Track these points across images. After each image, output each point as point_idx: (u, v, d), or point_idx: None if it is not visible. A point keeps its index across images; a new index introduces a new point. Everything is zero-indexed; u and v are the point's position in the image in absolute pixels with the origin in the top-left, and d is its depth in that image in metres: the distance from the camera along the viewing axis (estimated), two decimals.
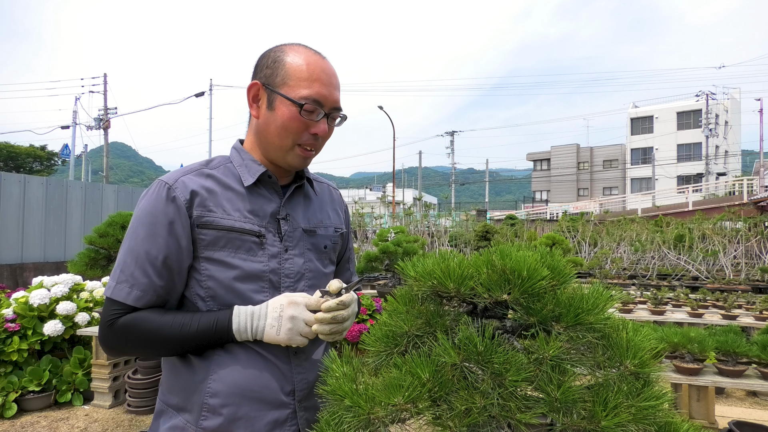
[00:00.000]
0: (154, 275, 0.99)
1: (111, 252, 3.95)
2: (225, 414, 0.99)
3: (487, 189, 51.93)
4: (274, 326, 0.97)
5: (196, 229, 1.01)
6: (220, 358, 1.01)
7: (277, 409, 1.02)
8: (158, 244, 0.99)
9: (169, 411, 1.05)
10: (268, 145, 1.08)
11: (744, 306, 5.11)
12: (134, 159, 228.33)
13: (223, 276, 1.01)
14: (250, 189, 1.08)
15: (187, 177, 1.05)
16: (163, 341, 0.97)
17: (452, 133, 43.93)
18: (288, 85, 1.03)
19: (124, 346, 1.00)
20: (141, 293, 0.98)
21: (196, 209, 1.02)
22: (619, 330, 0.81)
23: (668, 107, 41.82)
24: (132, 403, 3.76)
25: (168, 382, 1.07)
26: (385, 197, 25.56)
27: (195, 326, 0.97)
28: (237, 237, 1.03)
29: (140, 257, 0.99)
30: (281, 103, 1.03)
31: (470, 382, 0.72)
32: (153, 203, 1.01)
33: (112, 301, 0.99)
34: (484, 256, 0.86)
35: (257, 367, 1.01)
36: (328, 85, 1.04)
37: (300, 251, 1.10)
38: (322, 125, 1.05)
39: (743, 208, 15.13)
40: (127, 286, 0.98)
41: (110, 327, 0.98)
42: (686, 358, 2.94)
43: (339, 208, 1.28)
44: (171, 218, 1.00)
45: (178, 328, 0.97)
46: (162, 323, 0.97)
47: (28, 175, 8.36)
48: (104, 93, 27.87)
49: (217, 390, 0.99)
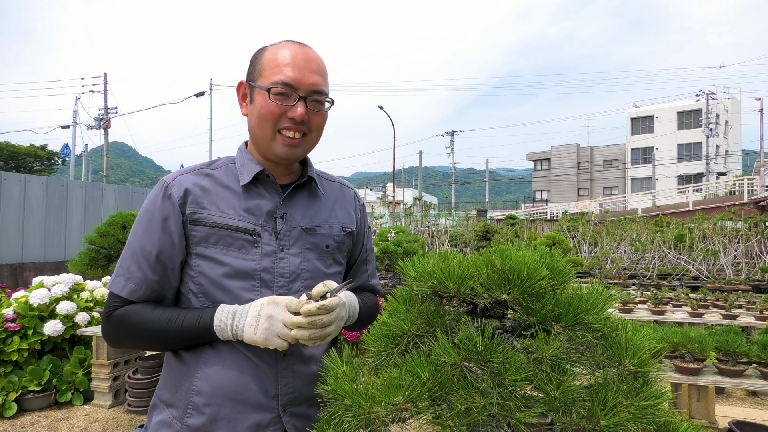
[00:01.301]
0: (148, 270, 1.02)
1: (111, 252, 3.95)
2: (207, 413, 0.99)
3: (487, 189, 51.94)
4: (252, 325, 0.95)
5: (189, 225, 1.04)
6: (208, 357, 1.01)
7: (259, 412, 1.01)
8: (152, 239, 1.02)
9: (161, 405, 1.07)
10: (255, 139, 1.10)
11: (744, 306, 5.12)
12: (134, 159, 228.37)
13: (213, 273, 1.03)
14: (248, 188, 1.09)
15: (184, 176, 1.08)
16: (152, 335, 1.00)
17: (452, 132, 43.93)
18: (262, 75, 1.05)
19: (120, 337, 1.03)
20: (135, 287, 1.02)
21: (189, 206, 1.04)
22: (618, 330, 0.81)
23: (668, 107, 41.80)
24: (132, 403, 3.76)
25: (163, 376, 1.10)
26: (386, 197, 25.56)
27: (180, 322, 0.99)
28: (228, 234, 1.04)
29: (136, 252, 1.03)
30: (258, 94, 1.05)
31: (470, 381, 0.73)
32: (152, 201, 1.06)
33: (111, 293, 1.03)
34: (484, 256, 0.86)
35: (241, 368, 1.01)
36: (302, 69, 1.04)
37: (297, 250, 1.09)
38: (298, 109, 1.04)
39: (744, 208, 15.12)
40: (123, 279, 1.02)
41: (108, 318, 1.02)
42: (686, 357, 2.94)
43: (351, 207, 1.25)
44: (165, 215, 1.03)
45: (164, 322, 0.99)
46: (151, 317, 1.00)
47: (28, 175, 8.36)
48: (104, 92, 27.88)
49: (201, 389, 1.00)
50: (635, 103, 44.41)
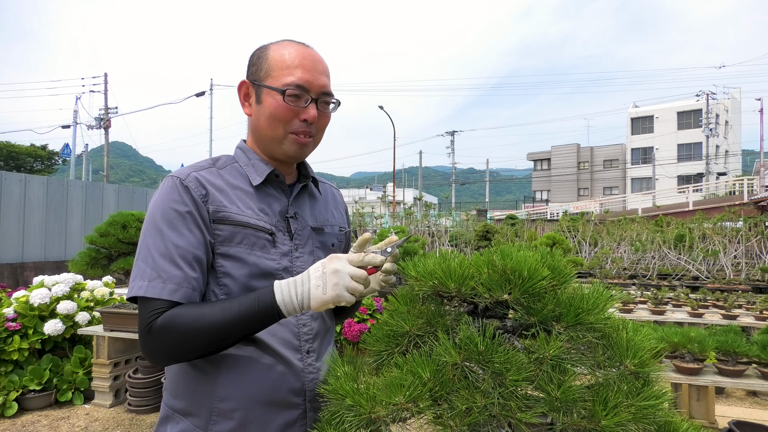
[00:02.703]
0: (187, 267, 0.95)
1: (112, 251, 3.95)
2: (236, 418, 0.97)
3: (487, 189, 51.95)
4: (319, 285, 0.90)
5: (212, 224, 1.00)
6: (230, 361, 0.99)
7: (288, 410, 1.01)
8: (184, 235, 0.96)
9: (176, 416, 1.03)
10: (263, 139, 1.08)
11: (744, 306, 5.11)
12: (135, 158, 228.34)
13: (239, 273, 1.00)
14: (258, 188, 1.08)
15: (197, 173, 1.03)
16: (207, 330, 0.90)
17: (452, 132, 43.92)
18: (272, 76, 1.04)
19: (169, 348, 0.91)
20: (175, 286, 0.93)
21: (211, 204, 1.00)
22: (619, 330, 0.81)
23: (668, 107, 41.79)
24: (133, 402, 3.77)
25: (174, 386, 1.05)
26: (386, 197, 25.55)
27: (237, 308, 0.91)
28: (252, 233, 1.02)
29: (169, 250, 0.95)
30: (267, 95, 1.04)
31: (471, 381, 0.73)
32: (168, 197, 0.99)
33: (146, 301, 0.93)
34: (485, 256, 0.86)
35: (268, 368, 1.00)
36: (312, 71, 1.04)
37: (309, 249, 1.11)
38: (311, 111, 1.04)
39: (743, 208, 15.11)
40: (159, 281, 0.93)
41: (149, 332, 0.91)
42: (686, 357, 2.94)
43: (342, 208, 1.30)
44: (189, 210, 0.98)
45: (219, 312, 0.91)
46: (203, 312, 0.91)
47: (28, 175, 8.36)
48: (105, 92, 27.86)
49: (227, 394, 0.98)
50: (635, 103, 44.41)
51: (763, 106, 35.20)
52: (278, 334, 1.02)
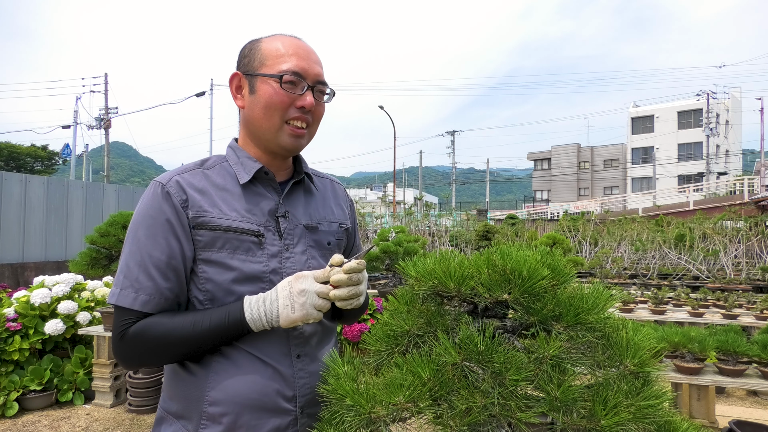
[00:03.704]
0: (159, 277, 0.96)
1: (112, 251, 3.95)
2: (225, 423, 0.96)
3: (487, 188, 51.94)
4: (287, 305, 0.92)
5: (192, 230, 0.98)
6: (219, 364, 0.98)
7: (278, 416, 0.99)
8: (160, 244, 0.96)
9: (169, 418, 1.03)
10: (258, 130, 1.05)
11: (745, 305, 5.11)
12: (135, 158, 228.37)
13: (222, 278, 0.98)
14: (247, 187, 1.05)
15: (180, 177, 1.02)
16: (177, 342, 0.93)
17: (453, 132, 43.91)
18: (266, 65, 1.02)
19: (139, 356, 0.95)
20: (147, 297, 0.95)
21: (191, 209, 0.99)
22: (619, 329, 0.81)
23: (669, 106, 41.76)
24: (133, 402, 3.77)
25: (168, 388, 1.04)
26: (386, 197, 25.55)
27: (207, 322, 0.94)
28: (235, 237, 0.99)
29: (144, 260, 0.96)
30: (262, 83, 1.02)
31: (471, 381, 0.73)
32: (149, 204, 0.99)
33: (120, 309, 0.95)
34: (485, 255, 0.86)
35: (257, 373, 0.98)
36: (307, 59, 1.04)
37: (302, 249, 1.07)
38: (307, 97, 1.03)
39: (744, 208, 15.11)
40: (132, 291, 0.94)
41: (122, 339, 0.94)
42: (687, 357, 2.94)
43: (344, 203, 1.25)
44: (168, 217, 0.97)
45: (190, 326, 0.93)
46: (174, 324, 0.94)
47: (29, 175, 8.37)
48: (105, 92, 27.86)
49: (216, 398, 0.97)
50: (635, 103, 44.37)
51: (764, 106, 35.17)
52: (267, 339, 1.00)
